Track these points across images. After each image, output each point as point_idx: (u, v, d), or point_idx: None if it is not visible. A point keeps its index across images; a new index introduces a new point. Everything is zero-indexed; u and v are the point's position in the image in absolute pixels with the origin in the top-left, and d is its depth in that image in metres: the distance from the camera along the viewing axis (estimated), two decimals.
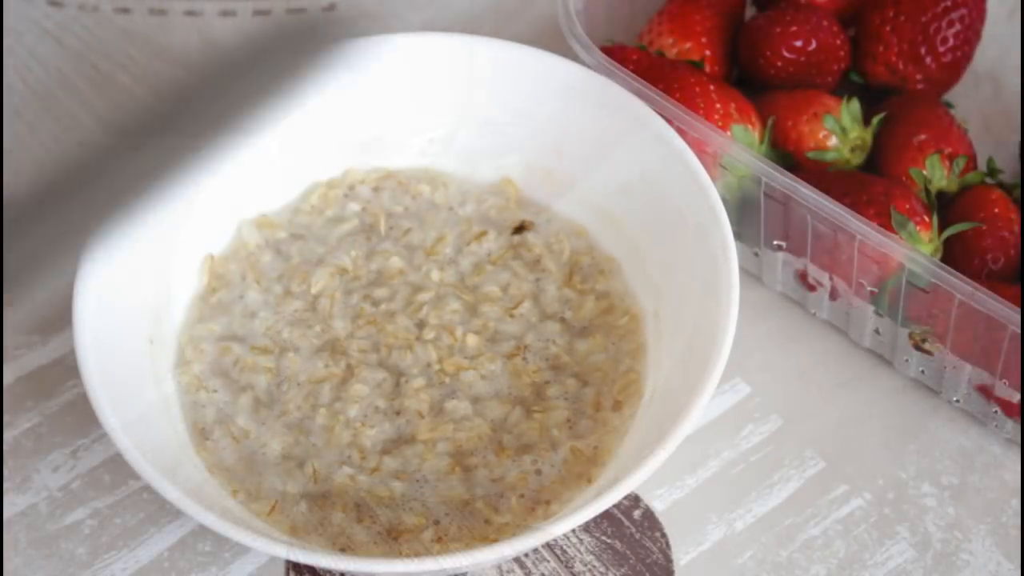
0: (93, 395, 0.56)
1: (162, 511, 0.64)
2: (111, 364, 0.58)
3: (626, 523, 0.64)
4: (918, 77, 0.71)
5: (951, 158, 0.68)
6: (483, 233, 0.68)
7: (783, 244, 0.67)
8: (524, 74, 0.68)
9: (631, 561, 0.62)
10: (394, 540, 0.59)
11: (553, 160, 0.69)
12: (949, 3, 0.70)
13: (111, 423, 0.55)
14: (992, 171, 0.70)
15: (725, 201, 0.66)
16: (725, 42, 0.73)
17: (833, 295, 0.67)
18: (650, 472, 0.55)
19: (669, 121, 0.65)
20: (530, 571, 0.62)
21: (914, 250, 0.61)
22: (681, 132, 0.65)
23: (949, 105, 0.72)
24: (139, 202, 0.47)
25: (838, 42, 0.71)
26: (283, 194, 0.69)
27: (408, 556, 0.58)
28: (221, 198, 0.66)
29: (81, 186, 0.47)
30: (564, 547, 0.63)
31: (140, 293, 0.63)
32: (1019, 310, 0.59)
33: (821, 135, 0.69)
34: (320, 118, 0.68)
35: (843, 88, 0.73)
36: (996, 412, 0.65)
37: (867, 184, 0.66)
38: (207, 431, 0.61)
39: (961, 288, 0.60)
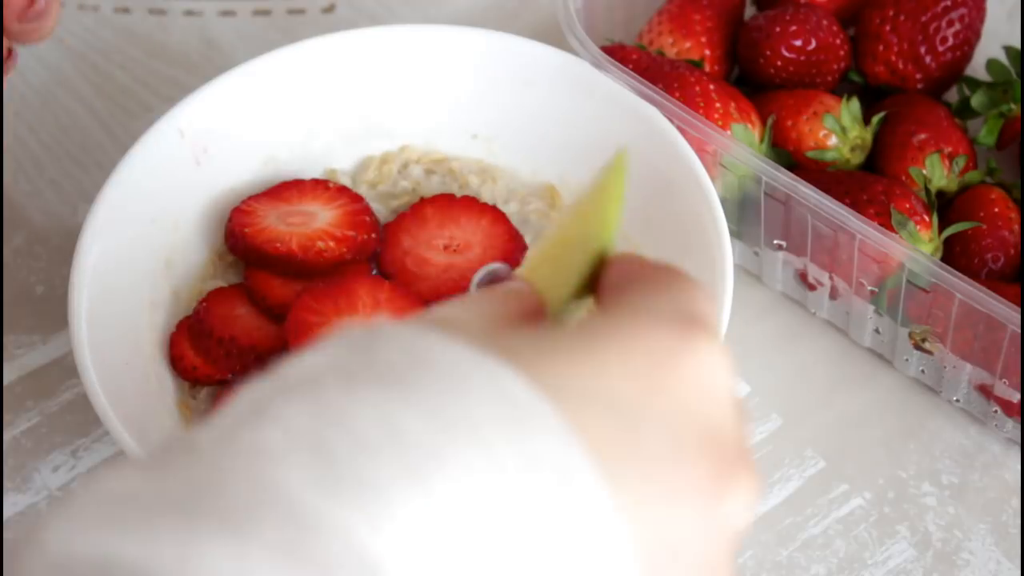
0: (87, 376, 0.57)
1: None
2: (110, 350, 0.59)
3: None
4: (918, 77, 0.71)
5: (951, 157, 0.68)
6: None
7: (783, 243, 0.67)
8: (575, 86, 0.68)
9: None
10: None
11: (586, 175, 0.69)
12: (949, 3, 0.70)
13: (108, 411, 0.56)
14: (992, 170, 0.70)
15: (725, 201, 0.66)
16: (725, 42, 0.73)
17: (833, 294, 0.67)
18: None
19: (684, 133, 0.65)
20: None
21: (914, 249, 0.61)
22: (682, 131, 0.65)
23: (949, 105, 0.72)
24: None
25: (838, 41, 0.71)
26: (337, 162, 0.70)
27: None
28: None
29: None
30: None
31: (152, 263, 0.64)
32: (1019, 310, 0.59)
33: (821, 134, 0.69)
34: (374, 96, 0.69)
35: (843, 88, 0.73)
36: (996, 411, 0.65)
37: (867, 183, 0.66)
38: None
39: (961, 288, 0.60)
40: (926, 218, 0.65)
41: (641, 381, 0.32)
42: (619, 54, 0.70)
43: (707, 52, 0.72)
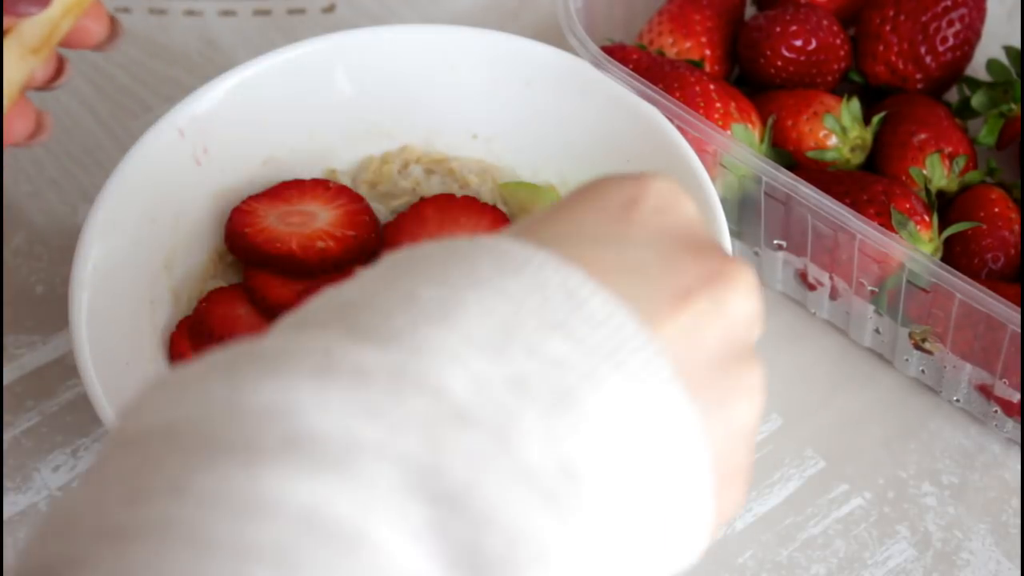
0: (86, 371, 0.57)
1: None
2: (110, 347, 0.59)
3: None
4: (918, 77, 0.71)
5: (951, 157, 0.68)
6: None
7: (783, 243, 0.67)
8: (574, 86, 0.67)
9: None
10: None
11: (587, 175, 0.69)
12: (949, 3, 0.71)
13: (108, 411, 0.56)
14: (992, 170, 0.70)
15: (725, 201, 0.66)
16: (725, 42, 0.73)
17: (833, 294, 0.67)
18: None
19: (684, 133, 0.65)
20: None
21: (914, 249, 0.61)
22: (682, 131, 0.65)
23: (949, 105, 0.72)
24: None
25: (838, 41, 0.71)
26: (337, 162, 0.70)
27: None
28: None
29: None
30: None
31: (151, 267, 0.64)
32: (1019, 310, 0.59)
33: (821, 134, 0.69)
34: (374, 96, 0.69)
35: (843, 88, 0.73)
36: (996, 411, 0.65)
37: (867, 183, 0.66)
38: None
39: (961, 288, 0.60)
40: (926, 218, 0.65)
41: (615, 223, 0.38)
42: (619, 54, 0.70)
43: (707, 52, 0.72)
